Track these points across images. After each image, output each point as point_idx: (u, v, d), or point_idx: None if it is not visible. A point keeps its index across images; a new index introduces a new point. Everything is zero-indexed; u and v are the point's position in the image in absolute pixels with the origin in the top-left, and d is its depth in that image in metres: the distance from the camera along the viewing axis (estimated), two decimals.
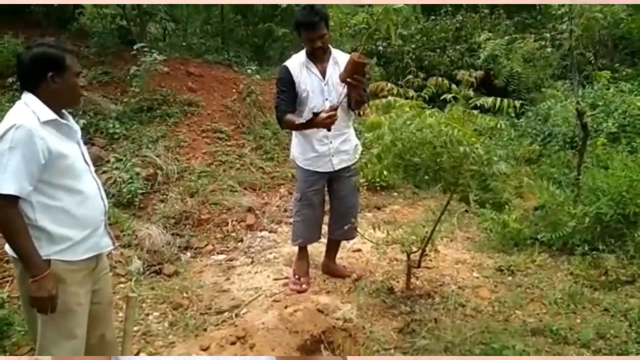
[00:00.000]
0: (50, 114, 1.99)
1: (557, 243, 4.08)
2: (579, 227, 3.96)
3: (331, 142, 3.35)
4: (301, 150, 3.45)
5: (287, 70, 3.28)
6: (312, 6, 3.07)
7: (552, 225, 4.20)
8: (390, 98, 2.70)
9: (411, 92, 2.75)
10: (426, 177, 2.68)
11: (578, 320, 3.06)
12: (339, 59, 3.25)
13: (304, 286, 3.58)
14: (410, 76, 2.94)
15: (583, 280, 3.56)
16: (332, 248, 3.77)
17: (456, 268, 3.92)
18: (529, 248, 4.17)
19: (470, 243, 4.43)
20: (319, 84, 3.26)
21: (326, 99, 3.23)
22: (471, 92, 2.72)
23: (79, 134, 2.18)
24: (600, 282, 3.52)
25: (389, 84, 2.78)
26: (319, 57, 3.23)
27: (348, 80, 2.84)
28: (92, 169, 2.22)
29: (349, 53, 3.13)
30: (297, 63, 3.27)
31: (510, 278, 3.74)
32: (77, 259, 2.08)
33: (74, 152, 2.09)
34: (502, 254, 4.13)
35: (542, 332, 2.93)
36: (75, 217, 2.06)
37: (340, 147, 3.38)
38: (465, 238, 4.54)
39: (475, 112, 2.69)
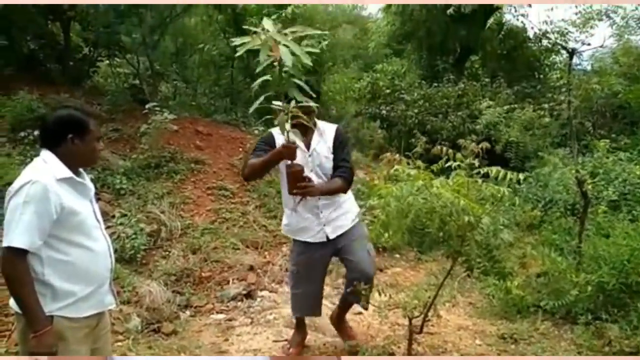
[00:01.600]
0: (66, 172, 2.06)
1: (560, 311, 4.05)
2: (582, 295, 3.94)
3: (321, 212, 3.19)
4: (289, 222, 3.32)
5: (270, 135, 3.22)
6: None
7: (555, 292, 4.18)
8: (398, 168, 2.77)
9: (419, 163, 2.84)
10: (432, 244, 2.71)
11: None
12: (326, 131, 3.24)
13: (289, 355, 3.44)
14: (417, 148, 3.04)
15: (587, 350, 3.51)
16: (346, 306, 3.56)
17: (458, 334, 3.87)
18: (531, 315, 4.13)
19: (473, 309, 4.39)
20: (302, 155, 3.08)
21: (310, 171, 3.10)
22: (476, 162, 2.80)
23: (92, 192, 2.24)
24: (603, 352, 3.46)
25: (397, 156, 2.86)
26: (302, 131, 2.98)
27: (295, 192, 2.85)
28: (103, 226, 2.27)
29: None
30: None
31: (513, 347, 3.68)
32: (80, 315, 2.09)
33: (86, 209, 2.14)
34: (505, 321, 4.08)
35: None
36: (83, 272, 2.08)
37: (331, 216, 3.21)
38: (467, 303, 4.50)
39: (479, 180, 2.76)
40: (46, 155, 2.09)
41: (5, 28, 6.72)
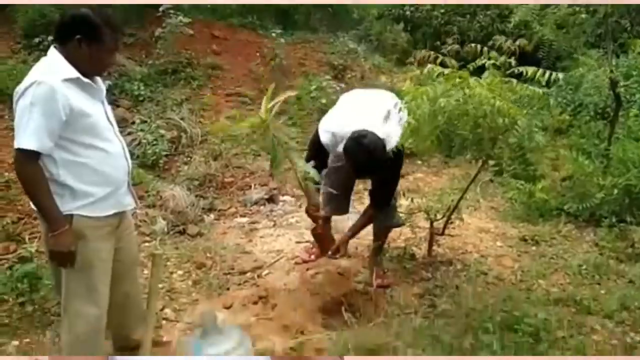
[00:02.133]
0: (72, 72, 1.98)
1: (584, 214, 4.01)
2: (607, 198, 3.87)
3: None
4: None
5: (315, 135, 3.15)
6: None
7: (580, 196, 4.13)
8: (431, 66, 2.62)
9: (453, 62, 2.68)
10: (461, 148, 2.61)
11: (602, 291, 3.02)
12: None
13: (312, 257, 3.50)
14: (452, 44, 2.85)
15: (609, 251, 3.51)
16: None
17: (479, 237, 3.89)
18: (554, 219, 4.11)
19: (495, 212, 4.38)
20: None
21: None
22: (512, 60, 2.64)
23: (104, 93, 2.18)
24: (626, 254, 3.46)
25: (432, 53, 2.70)
26: None
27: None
28: (116, 128, 2.22)
29: None
30: None
31: (534, 248, 3.70)
32: (99, 215, 2.10)
33: (97, 111, 2.09)
34: (527, 224, 4.08)
35: (565, 301, 2.90)
36: (98, 173, 2.07)
37: None
38: (490, 207, 4.49)
39: (514, 80, 2.61)
40: (52, 54, 2.00)
41: None
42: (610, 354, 2.46)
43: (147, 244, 3.73)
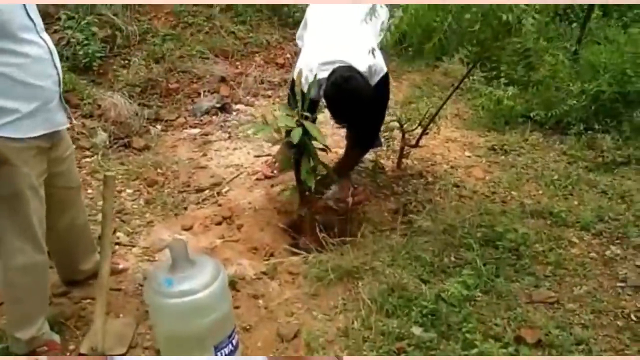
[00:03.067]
0: None
1: (550, 122, 3.92)
2: (576, 105, 3.78)
3: None
4: None
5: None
6: None
7: (545, 103, 4.01)
8: None
9: None
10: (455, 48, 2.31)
11: (576, 202, 2.98)
12: None
13: (274, 171, 3.23)
14: None
15: (578, 160, 3.46)
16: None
17: (447, 147, 3.74)
18: (519, 127, 4.00)
19: (460, 121, 4.21)
20: None
21: None
22: None
23: None
24: (595, 163, 3.42)
25: None
26: None
27: None
28: (41, 27, 1.77)
29: None
30: None
31: (503, 157, 3.60)
32: (24, 136, 1.72)
33: (10, 5, 1.62)
34: (494, 133, 3.96)
35: (541, 214, 2.84)
36: (20, 84, 1.66)
37: None
38: (454, 115, 4.30)
39: None
40: None
41: None
42: (590, 267, 2.43)
43: (87, 160, 3.32)
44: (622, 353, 1.98)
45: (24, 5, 1.68)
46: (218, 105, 4.16)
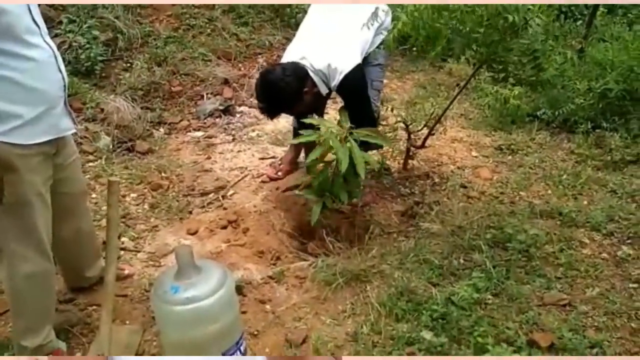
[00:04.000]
0: None
1: (557, 120, 3.88)
2: (583, 103, 3.74)
3: None
4: None
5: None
6: None
7: (551, 102, 3.98)
8: None
9: None
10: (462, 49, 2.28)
11: (585, 202, 2.94)
12: None
13: (279, 173, 3.19)
14: None
15: (586, 159, 3.42)
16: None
17: (453, 147, 3.70)
18: (526, 126, 3.97)
19: (466, 120, 4.18)
20: None
21: None
22: None
23: None
24: (604, 161, 3.38)
25: None
26: None
27: None
28: (45, 31, 1.73)
29: None
30: None
31: (510, 157, 3.56)
32: (29, 142, 1.68)
33: (17, 7, 1.59)
34: (500, 132, 3.92)
35: (551, 214, 2.80)
36: (25, 89, 1.62)
37: None
38: (460, 115, 4.27)
39: None
40: None
41: None
42: (602, 267, 2.39)
43: (91, 164, 3.29)
44: (637, 355, 1.94)
45: (29, 8, 1.66)
46: (221, 108, 4.14)
